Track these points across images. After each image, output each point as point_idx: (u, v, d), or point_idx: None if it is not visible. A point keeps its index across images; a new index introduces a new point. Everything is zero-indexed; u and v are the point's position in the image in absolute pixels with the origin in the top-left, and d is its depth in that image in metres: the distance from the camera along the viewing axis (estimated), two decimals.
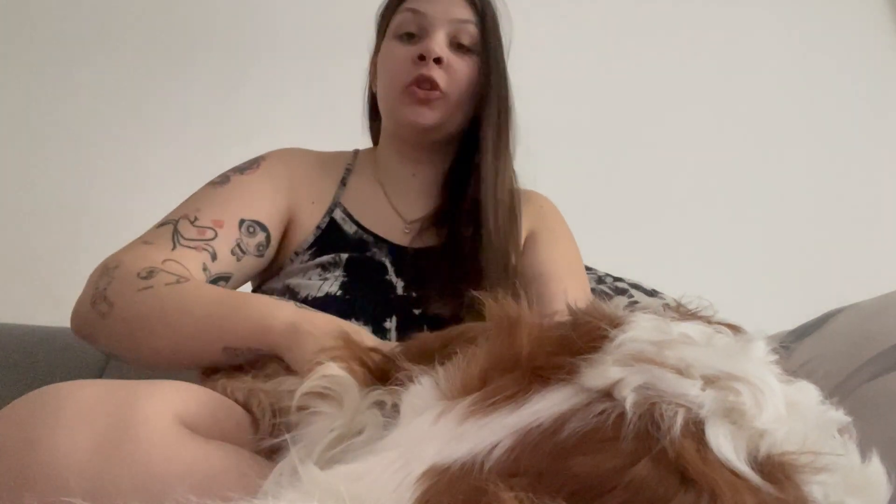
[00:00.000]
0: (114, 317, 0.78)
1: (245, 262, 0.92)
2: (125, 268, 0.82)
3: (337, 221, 0.98)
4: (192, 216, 0.90)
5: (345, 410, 0.54)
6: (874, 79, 1.93)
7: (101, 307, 0.79)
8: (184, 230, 0.88)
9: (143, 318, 0.78)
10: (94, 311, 0.80)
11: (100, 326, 0.80)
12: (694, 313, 0.51)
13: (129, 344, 0.80)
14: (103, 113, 1.74)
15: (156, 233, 0.89)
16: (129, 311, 0.78)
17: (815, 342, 0.82)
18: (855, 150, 1.88)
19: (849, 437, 0.43)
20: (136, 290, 0.79)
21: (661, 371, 0.40)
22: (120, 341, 0.81)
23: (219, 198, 0.93)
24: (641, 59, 1.90)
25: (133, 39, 1.78)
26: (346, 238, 0.96)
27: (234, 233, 0.90)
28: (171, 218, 0.91)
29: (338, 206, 0.99)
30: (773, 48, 1.93)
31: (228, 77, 1.79)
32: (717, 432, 0.37)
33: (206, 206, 0.92)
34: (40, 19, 1.76)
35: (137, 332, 0.79)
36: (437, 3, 0.98)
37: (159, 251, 0.86)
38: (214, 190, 0.95)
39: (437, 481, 0.37)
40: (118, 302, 0.79)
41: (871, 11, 1.96)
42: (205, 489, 0.41)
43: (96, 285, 0.81)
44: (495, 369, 0.44)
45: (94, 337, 0.82)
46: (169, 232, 0.88)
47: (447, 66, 0.95)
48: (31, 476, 0.49)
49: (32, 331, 1.35)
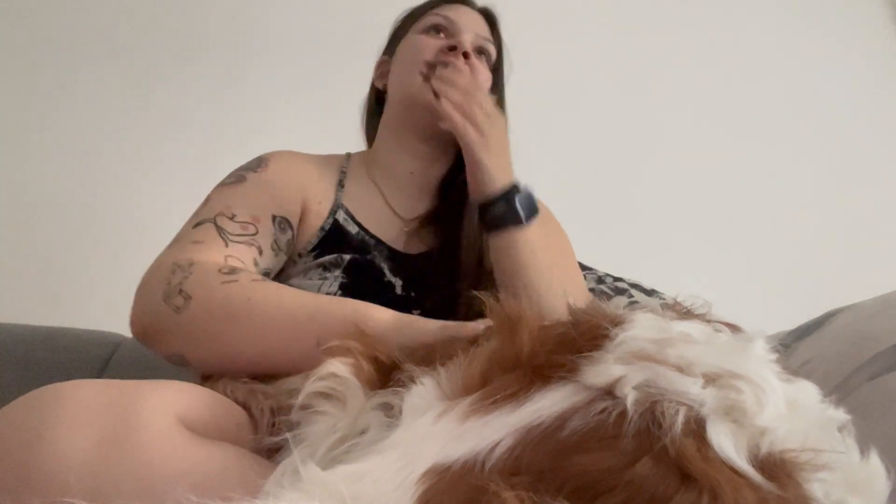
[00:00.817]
0: (192, 310, 0.74)
1: (279, 258, 0.92)
2: (202, 265, 0.79)
3: (340, 223, 0.97)
4: (228, 213, 0.87)
5: (348, 411, 0.54)
6: (874, 79, 1.93)
7: (175, 301, 0.75)
8: (227, 227, 0.86)
9: (228, 310, 0.74)
10: (167, 306, 0.75)
11: (173, 322, 0.75)
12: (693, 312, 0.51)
13: (207, 340, 0.76)
14: (104, 114, 1.74)
15: (198, 232, 0.85)
16: (211, 303, 0.75)
17: (815, 342, 0.82)
18: (855, 150, 1.88)
19: (848, 435, 0.43)
20: (220, 283, 0.76)
21: (662, 369, 0.40)
22: (197, 337, 0.76)
23: (244, 196, 0.91)
24: (642, 59, 1.91)
25: (134, 40, 1.78)
26: (349, 239, 0.96)
27: (269, 228, 0.89)
28: (205, 217, 0.87)
29: (340, 208, 0.99)
30: (773, 48, 1.94)
31: (228, 78, 1.79)
32: (718, 430, 0.37)
33: (237, 204, 0.89)
34: (41, 20, 1.76)
35: (220, 324, 0.74)
36: (466, 15, 1.03)
37: (216, 249, 0.83)
38: (235, 189, 0.92)
39: (439, 481, 0.37)
40: (199, 294, 0.75)
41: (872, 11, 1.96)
42: (205, 489, 0.41)
43: (168, 281, 0.77)
44: (496, 368, 0.44)
45: (163, 335, 0.78)
46: (213, 230, 0.85)
47: (471, 65, 0.97)
48: (32, 476, 0.48)
49: (32, 331, 1.35)
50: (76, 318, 1.42)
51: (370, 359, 0.58)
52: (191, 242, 0.84)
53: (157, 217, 1.70)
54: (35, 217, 1.67)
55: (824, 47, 1.93)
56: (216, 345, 0.76)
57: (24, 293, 1.62)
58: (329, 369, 0.57)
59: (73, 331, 1.37)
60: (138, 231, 1.68)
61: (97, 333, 1.38)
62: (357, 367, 0.58)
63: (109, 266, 1.65)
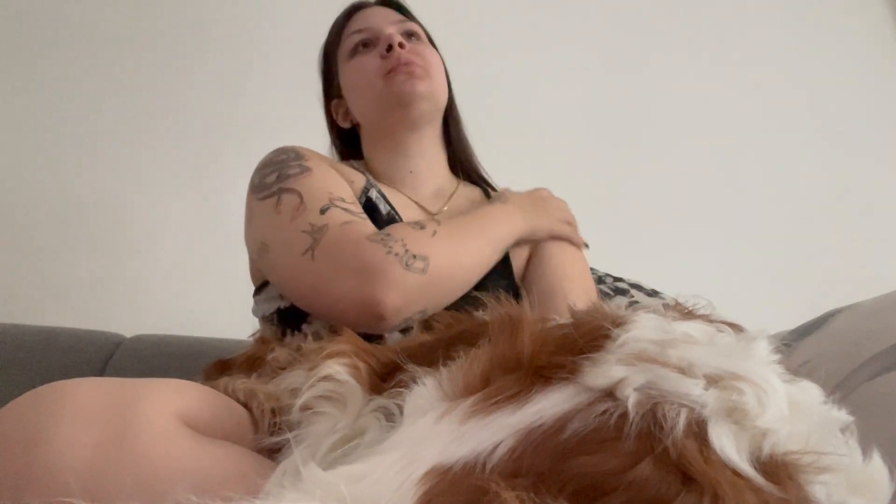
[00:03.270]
0: (435, 266, 0.82)
1: None
2: (396, 230, 0.85)
3: (373, 200, 0.98)
4: (337, 197, 0.89)
5: (348, 411, 0.54)
6: (875, 79, 1.93)
7: (416, 265, 0.81)
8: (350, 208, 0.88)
9: (450, 246, 0.85)
10: (412, 272, 0.80)
11: (424, 283, 0.81)
12: (695, 313, 0.51)
13: (451, 280, 0.85)
14: (104, 114, 1.74)
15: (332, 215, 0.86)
16: (444, 253, 0.84)
17: (815, 341, 0.82)
18: (855, 150, 1.88)
19: (851, 437, 0.43)
20: (429, 236, 0.85)
21: (663, 370, 0.40)
22: (444, 284, 0.84)
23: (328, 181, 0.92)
24: (642, 58, 1.90)
25: (134, 41, 1.78)
26: (380, 217, 0.96)
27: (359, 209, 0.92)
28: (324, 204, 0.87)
29: (373, 187, 1.00)
30: (773, 49, 1.93)
31: (228, 79, 1.79)
32: (719, 432, 0.37)
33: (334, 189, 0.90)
34: (41, 21, 1.76)
35: (457, 264, 0.85)
36: (373, 16, 1.05)
37: (367, 223, 0.87)
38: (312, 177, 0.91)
39: (439, 481, 0.37)
40: (429, 251, 0.82)
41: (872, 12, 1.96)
42: (206, 488, 0.41)
43: (391, 252, 0.80)
44: (497, 369, 0.44)
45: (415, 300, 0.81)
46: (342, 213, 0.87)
47: (412, 51, 1.00)
48: (32, 474, 0.48)
49: (32, 331, 1.35)
50: (76, 318, 1.42)
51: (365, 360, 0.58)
52: (342, 223, 0.84)
53: (158, 217, 1.71)
54: (35, 217, 1.67)
55: (824, 47, 1.93)
56: (454, 281, 0.86)
57: (24, 293, 1.62)
58: (327, 371, 0.57)
59: (73, 331, 1.37)
60: (138, 231, 1.68)
61: (97, 333, 1.38)
62: (354, 368, 0.58)
63: (109, 266, 1.66)
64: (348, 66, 1.04)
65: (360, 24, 1.04)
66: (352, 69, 1.03)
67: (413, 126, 1.02)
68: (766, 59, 1.93)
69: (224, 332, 1.27)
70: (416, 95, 0.98)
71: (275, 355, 0.75)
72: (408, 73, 0.97)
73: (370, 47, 1.02)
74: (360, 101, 1.05)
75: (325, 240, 0.83)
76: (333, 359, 0.59)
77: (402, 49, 0.98)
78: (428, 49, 1.04)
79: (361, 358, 0.60)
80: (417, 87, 0.98)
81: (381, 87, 0.99)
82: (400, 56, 0.97)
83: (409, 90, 0.97)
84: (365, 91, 1.02)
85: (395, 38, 0.98)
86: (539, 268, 1.02)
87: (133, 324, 1.45)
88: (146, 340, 1.37)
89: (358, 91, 1.04)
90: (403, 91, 0.98)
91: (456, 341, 0.52)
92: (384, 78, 0.98)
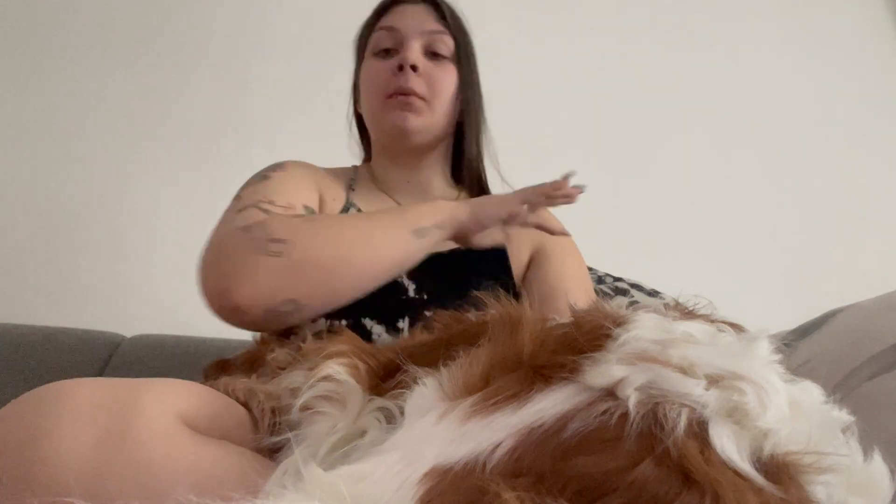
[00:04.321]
0: (294, 248, 0.74)
1: None
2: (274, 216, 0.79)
3: None
4: (266, 200, 0.86)
5: (348, 412, 0.54)
6: (875, 79, 1.93)
7: (272, 248, 0.74)
8: (271, 210, 0.85)
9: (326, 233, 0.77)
10: (266, 256, 0.74)
11: (279, 268, 0.74)
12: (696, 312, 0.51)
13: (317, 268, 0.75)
14: (104, 114, 1.74)
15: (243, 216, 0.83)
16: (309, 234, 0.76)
17: (815, 341, 0.82)
18: (855, 150, 1.88)
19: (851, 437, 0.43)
20: (304, 220, 0.79)
21: (664, 370, 0.40)
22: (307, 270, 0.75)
23: (273, 188, 0.90)
24: (641, 57, 1.90)
25: (133, 42, 1.78)
26: None
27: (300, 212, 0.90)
28: (247, 203, 0.86)
29: (352, 206, 1.01)
30: (774, 50, 1.93)
31: (228, 78, 1.79)
32: (720, 432, 0.37)
33: (273, 192, 0.88)
34: (41, 23, 1.76)
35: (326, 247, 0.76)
36: (410, 18, 1.02)
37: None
38: (264, 184, 0.92)
39: (439, 482, 0.37)
40: (291, 232, 0.75)
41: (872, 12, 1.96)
42: (205, 488, 0.41)
43: (249, 240, 0.76)
44: (498, 369, 0.44)
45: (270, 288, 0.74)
46: (259, 212, 0.84)
47: (424, 74, 0.99)
48: (32, 474, 0.48)
49: (32, 331, 1.35)
50: (76, 318, 1.42)
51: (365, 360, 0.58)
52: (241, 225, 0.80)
53: (158, 217, 1.71)
54: (35, 217, 1.67)
55: (824, 47, 1.93)
56: (326, 271, 0.76)
57: (24, 293, 1.62)
58: (327, 371, 0.57)
59: (73, 331, 1.37)
60: (138, 231, 1.68)
61: (97, 333, 1.38)
62: (354, 369, 0.58)
63: (109, 266, 1.65)
64: (366, 63, 1.05)
65: (394, 20, 1.02)
66: (366, 70, 1.04)
67: (408, 150, 1.04)
68: (766, 59, 1.93)
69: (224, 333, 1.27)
70: (408, 131, 0.99)
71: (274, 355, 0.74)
72: (405, 104, 0.97)
73: (392, 53, 1.01)
74: (364, 104, 1.06)
75: (212, 236, 0.81)
76: (333, 359, 0.59)
77: (414, 72, 0.97)
78: (442, 72, 1.01)
79: (361, 358, 0.60)
80: (410, 123, 0.98)
81: (380, 108, 1.00)
82: (405, 84, 0.97)
83: (400, 124, 0.98)
84: (369, 99, 1.03)
85: (410, 58, 0.97)
86: (540, 269, 1.02)
87: (133, 324, 1.45)
88: (146, 340, 1.37)
89: (364, 95, 1.05)
90: (395, 124, 0.99)
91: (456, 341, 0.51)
92: (386, 97, 0.99)
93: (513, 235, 1.01)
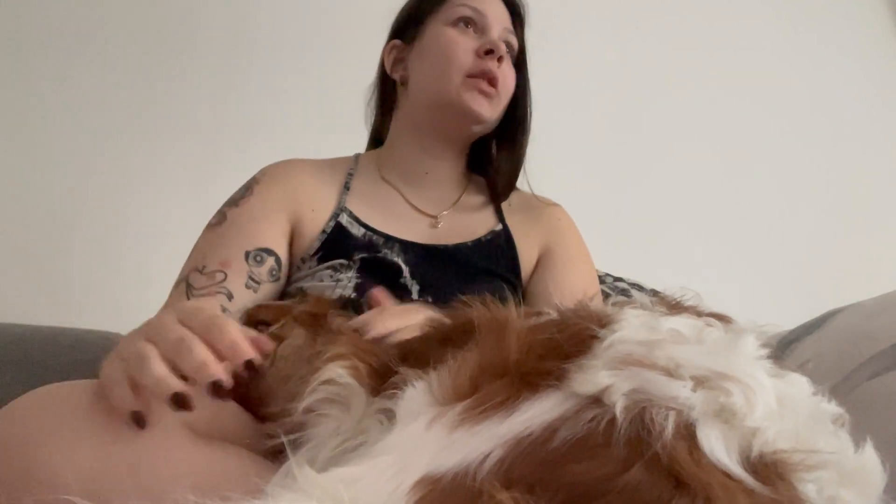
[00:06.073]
0: None
1: (263, 290, 0.91)
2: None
3: (343, 225, 0.97)
4: (199, 266, 0.90)
5: (352, 413, 0.54)
6: (875, 80, 1.93)
7: None
8: (195, 282, 0.88)
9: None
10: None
11: None
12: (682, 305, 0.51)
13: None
14: (103, 114, 1.73)
15: (173, 296, 0.89)
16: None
17: (815, 341, 0.82)
18: (855, 150, 1.88)
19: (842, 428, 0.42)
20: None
21: (650, 374, 0.40)
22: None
23: (220, 238, 0.93)
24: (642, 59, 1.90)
25: (132, 41, 1.78)
26: (355, 241, 0.96)
27: (242, 267, 0.90)
28: (182, 276, 0.91)
29: (343, 211, 0.98)
30: (774, 49, 1.93)
31: (228, 78, 1.79)
32: (708, 434, 0.37)
33: (210, 252, 0.91)
34: (39, 22, 1.76)
35: None
36: (494, 8, 1.00)
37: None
38: (214, 232, 0.94)
39: (431, 490, 0.37)
40: None
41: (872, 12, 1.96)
42: (205, 489, 0.41)
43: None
44: (485, 375, 0.43)
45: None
46: (183, 289, 0.88)
47: (502, 69, 0.97)
48: (32, 476, 0.48)
49: (32, 331, 1.35)
50: (76, 318, 1.42)
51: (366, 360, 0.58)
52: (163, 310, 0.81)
53: (157, 217, 1.71)
54: (35, 217, 1.67)
55: (825, 47, 1.92)
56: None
57: (24, 293, 1.62)
58: (329, 375, 0.57)
59: (73, 331, 1.37)
60: (138, 231, 1.68)
61: (97, 333, 1.38)
62: (355, 370, 0.57)
63: (109, 266, 1.66)
64: (443, 31, 0.99)
65: (480, 4, 0.99)
66: (444, 38, 0.98)
67: (455, 137, 1.02)
68: (767, 59, 1.92)
69: None
70: (481, 118, 0.97)
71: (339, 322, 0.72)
72: (486, 92, 0.96)
73: (471, 28, 0.98)
74: (429, 72, 0.99)
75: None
76: (335, 362, 0.59)
77: (500, 63, 0.96)
78: (511, 72, 1.01)
79: (361, 358, 0.59)
80: (484, 111, 0.96)
81: (457, 84, 0.96)
82: (495, 70, 0.95)
83: (477, 109, 0.96)
84: (442, 69, 0.97)
85: (502, 48, 0.96)
86: (543, 272, 1.01)
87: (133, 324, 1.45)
88: None
89: (436, 63, 0.98)
90: (471, 107, 0.95)
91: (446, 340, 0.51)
92: (466, 76, 0.95)
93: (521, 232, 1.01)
